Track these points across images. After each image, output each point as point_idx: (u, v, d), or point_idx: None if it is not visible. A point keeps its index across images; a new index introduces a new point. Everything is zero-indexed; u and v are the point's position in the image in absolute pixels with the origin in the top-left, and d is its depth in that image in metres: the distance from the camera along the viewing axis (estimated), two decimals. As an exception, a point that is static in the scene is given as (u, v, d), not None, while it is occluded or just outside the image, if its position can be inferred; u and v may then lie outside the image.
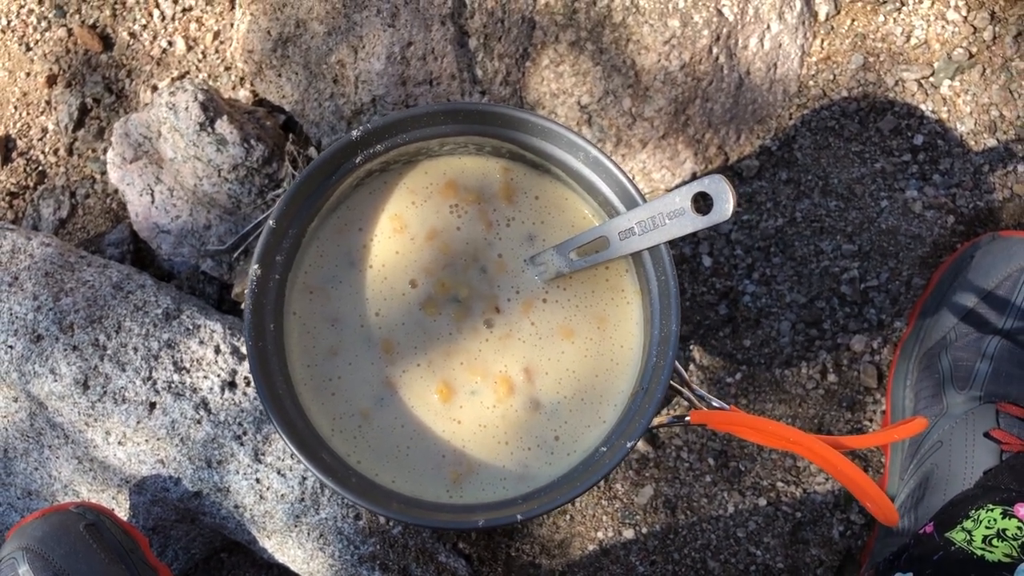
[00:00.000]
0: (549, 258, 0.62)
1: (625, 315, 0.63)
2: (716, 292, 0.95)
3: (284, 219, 0.59)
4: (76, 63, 1.07)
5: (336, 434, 0.60)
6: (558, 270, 0.61)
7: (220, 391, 0.86)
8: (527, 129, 0.61)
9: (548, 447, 0.61)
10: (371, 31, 0.84)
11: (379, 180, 0.64)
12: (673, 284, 0.58)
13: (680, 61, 0.86)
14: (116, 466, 0.86)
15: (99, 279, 0.89)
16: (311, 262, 0.63)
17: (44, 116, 1.06)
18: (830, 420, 0.93)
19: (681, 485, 0.93)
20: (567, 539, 0.93)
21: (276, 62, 0.90)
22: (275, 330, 0.60)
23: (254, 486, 0.84)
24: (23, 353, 0.85)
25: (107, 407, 0.85)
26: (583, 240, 0.59)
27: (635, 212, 0.55)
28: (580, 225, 0.64)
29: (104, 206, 1.04)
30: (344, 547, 0.84)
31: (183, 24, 1.06)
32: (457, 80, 0.86)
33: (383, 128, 0.60)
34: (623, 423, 0.59)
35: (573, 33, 0.86)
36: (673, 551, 0.92)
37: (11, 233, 0.94)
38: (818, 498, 0.92)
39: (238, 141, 0.91)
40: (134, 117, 0.94)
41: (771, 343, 0.94)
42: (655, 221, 0.54)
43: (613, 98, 0.87)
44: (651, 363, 0.58)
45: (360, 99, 0.86)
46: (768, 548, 0.91)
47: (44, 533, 0.78)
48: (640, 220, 0.55)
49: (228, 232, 0.95)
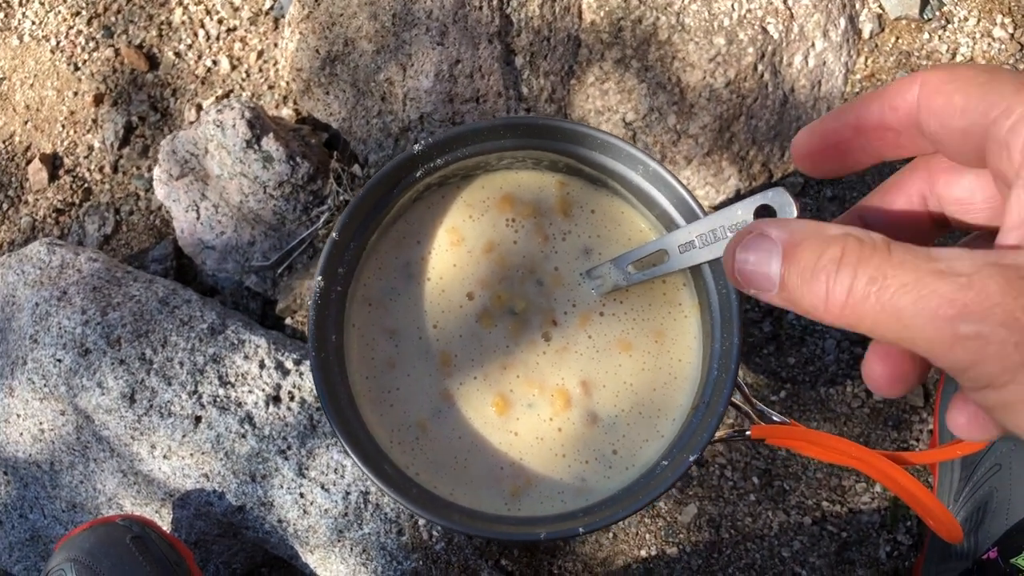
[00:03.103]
0: (606, 271, 0.62)
1: (683, 329, 0.63)
2: (760, 309, 0.95)
3: (346, 232, 0.60)
4: (122, 82, 1.09)
5: (395, 446, 0.60)
6: (615, 283, 0.61)
7: (265, 406, 0.86)
8: (586, 143, 0.61)
9: (606, 461, 0.60)
10: (420, 49, 0.85)
11: (437, 194, 0.65)
12: (735, 297, 0.57)
13: (725, 78, 0.86)
14: (160, 480, 0.87)
15: (146, 294, 0.90)
16: (370, 275, 0.63)
17: (90, 134, 1.08)
18: (876, 439, 0.92)
19: (725, 504, 0.92)
20: (610, 557, 0.92)
21: (324, 80, 0.92)
22: (336, 342, 0.60)
23: (298, 500, 0.84)
24: (71, 367, 0.86)
25: (153, 421, 0.85)
26: (641, 253, 0.59)
27: (696, 225, 0.55)
28: (636, 239, 0.64)
29: (148, 223, 1.06)
30: (387, 563, 0.84)
31: (227, 44, 1.08)
32: (503, 98, 0.86)
33: (444, 142, 0.60)
34: (684, 437, 0.58)
35: (619, 51, 0.86)
36: (717, 570, 0.91)
37: (60, 248, 0.95)
38: (864, 518, 0.91)
39: (284, 158, 0.92)
40: (181, 134, 0.96)
41: (816, 361, 0.94)
42: (716, 234, 0.54)
43: (658, 115, 0.87)
44: (712, 377, 0.58)
45: (408, 116, 0.87)
46: (814, 568, 0.90)
47: (92, 545, 0.79)
48: (701, 233, 0.54)
49: (272, 248, 0.96)
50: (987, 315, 0.26)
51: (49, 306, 0.88)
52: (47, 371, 0.86)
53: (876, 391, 0.37)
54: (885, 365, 0.36)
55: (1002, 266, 0.27)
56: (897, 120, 0.35)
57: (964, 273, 0.27)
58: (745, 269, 0.34)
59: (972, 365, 0.27)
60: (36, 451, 0.90)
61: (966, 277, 0.27)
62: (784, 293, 0.33)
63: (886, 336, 0.29)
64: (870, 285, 0.29)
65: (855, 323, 0.30)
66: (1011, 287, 0.26)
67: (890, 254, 0.29)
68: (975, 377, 0.28)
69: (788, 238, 0.32)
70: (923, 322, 0.28)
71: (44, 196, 1.07)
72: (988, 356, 0.27)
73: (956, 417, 0.34)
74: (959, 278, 0.27)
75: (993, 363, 0.27)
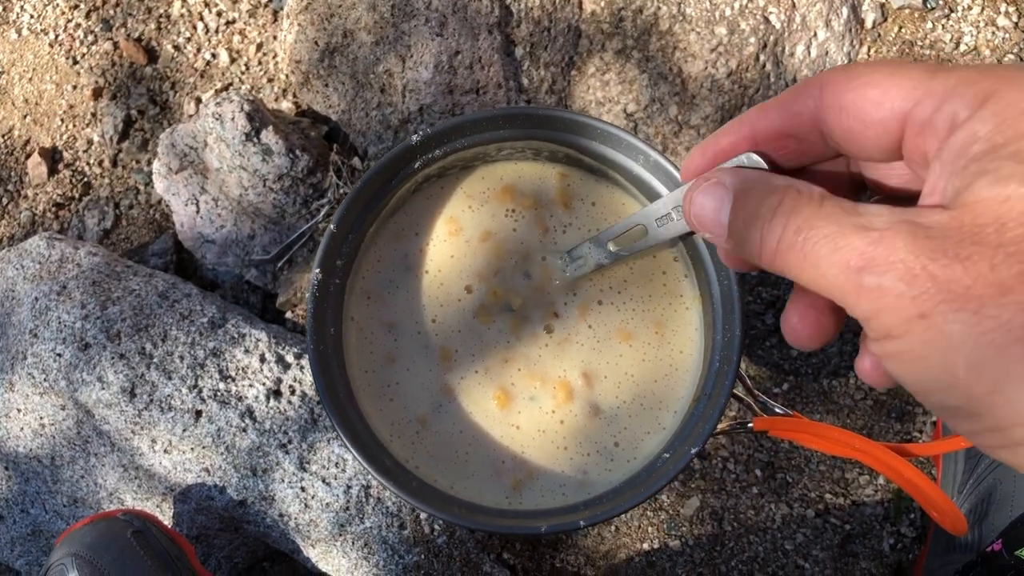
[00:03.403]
0: (587, 251, 0.60)
1: (684, 320, 0.62)
2: (763, 301, 0.94)
3: (344, 224, 0.59)
4: (121, 76, 1.08)
5: (395, 439, 0.60)
6: (598, 262, 0.60)
7: (265, 400, 0.86)
8: (586, 133, 0.60)
9: (608, 453, 0.60)
10: (419, 40, 0.85)
11: (436, 185, 0.64)
12: (736, 288, 0.57)
13: (727, 69, 0.86)
14: (161, 474, 0.86)
15: (145, 288, 0.90)
16: (369, 267, 0.63)
17: (89, 128, 1.08)
18: (879, 431, 0.92)
19: (728, 496, 0.92)
20: (612, 550, 0.92)
21: (323, 72, 0.91)
22: (335, 335, 0.59)
23: (299, 495, 0.84)
24: (71, 361, 0.86)
25: (153, 415, 0.85)
26: (619, 230, 0.58)
27: (671, 196, 0.54)
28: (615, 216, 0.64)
29: (147, 217, 1.05)
30: (388, 556, 0.83)
31: (226, 37, 1.07)
32: (503, 89, 0.86)
33: (442, 133, 0.60)
34: (685, 429, 0.58)
35: (619, 41, 0.85)
36: (720, 563, 0.91)
37: (59, 243, 0.94)
38: (867, 510, 0.91)
39: (283, 151, 0.91)
40: (180, 128, 0.95)
41: (818, 353, 0.93)
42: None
43: (659, 106, 0.86)
44: (714, 368, 0.58)
45: (407, 108, 0.86)
46: (817, 561, 0.90)
47: (92, 539, 0.78)
48: (676, 204, 0.53)
49: (272, 242, 0.95)
50: (889, 269, 0.28)
51: (49, 300, 0.88)
52: (47, 366, 0.86)
53: (793, 342, 0.39)
54: (803, 318, 0.38)
55: (913, 223, 0.28)
56: (799, 127, 0.36)
57: (878, 228, 0.29)
58: (700, 214, 0.36)
59: (874, 315, 0.29)
60: (37, 446, 0.89)
61: (878, 232, 0.29)
62: (731, 239, 0.35)
63: (808, 283, 0.31)
64: (796, 234, 0.31)
65: (783, 269, 0.32)
66: (916, 244, 0.28)
67: (821, 206, 0.31)
68: (876, 327, 0.29)
69: (739, 186, 0.35)
70: (836, 272, 0.29)
71: (43, 190, 1.07)
72: (887, 307, 0.28)
73: (861, 363, 0.36)
74: (872, 232, 0.29)
75: (891, 315, 0.28)
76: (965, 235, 0.27)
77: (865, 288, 0.28)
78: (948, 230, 0.28)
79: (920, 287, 0.27)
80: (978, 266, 0.26)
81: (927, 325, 0.27)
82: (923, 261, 0.27)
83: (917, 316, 0.27)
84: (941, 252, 0.27)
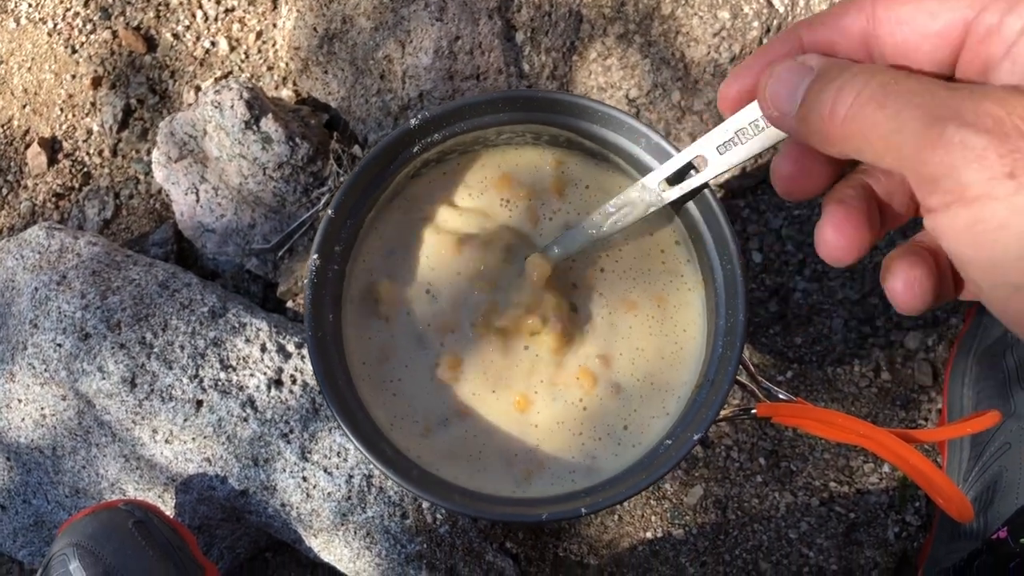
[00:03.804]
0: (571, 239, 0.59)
1: (686, 301, 0.61)
2: (766, 289, 0.93)
3: (342, 209, 0.59)
4: (120, 65, 1.08)
5: (396, 430, 0.59)
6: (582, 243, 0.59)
7: (266, 389, 0.85)
8: (586, 116, 0.60)
9: (616, 437, 0.59)
10: (419, 25, 0.84)
11: (436, 171, 0.64)
12: (740, 273, 0.56)
13: (730, 53, 0.85)
14: (163, 464, 0.86)
15: (145, 277, 0.90)
16: (368, 253, 0.62)
17: (89, 118, 1.07)
18: (884, 419, 0.91)
19: (731, 485, 0.91)
20: (615, 539, 0.91)
21: (322, 58, 0.90)
22: (333, 321, 0.59)
23: (301, 484, 0.83)
24: (71, 351, 0.85)
25: (154, 405, 0.84)
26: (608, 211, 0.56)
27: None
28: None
29: (148, 206, 1.05)
30: (391, 546, 0.83)
31: (226, 25, 1.07)
32: (504, 74, 0.85)
33: (441, 117, 0.59)
34: (688, 415, 0.57)
35: (621, 26, 0.85)
36: (724, 552, 0.90)
37: (59, 232, 0.94)
38: (872, 499, 0.90)
39: (283, 139, 0.91)
40: (179, 116, 0.94)
41: (823, 340, 0.92)
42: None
43: (662, 91, 0.85)
44: (717, 354, 0.57)
45: (407, 94, 0.85)
46: (821, 549, 0.89)
47: (94, 530, 0.78)
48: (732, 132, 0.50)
49: (273, 231, 0.95)
50: (978, 121, 0.25)
51: (48, 290, 0.87)
52: (47, 356, 0.86)
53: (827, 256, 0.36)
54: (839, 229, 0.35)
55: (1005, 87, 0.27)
56: (847, 41, 0.34)
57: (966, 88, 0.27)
58: (776, 91, 0.34)
59: (950, 171, 0.26)
60: (38, 436, 0.89)
61: (967, 88, 0.27)
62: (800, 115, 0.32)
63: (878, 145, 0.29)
64: (882, 87, 0.29)
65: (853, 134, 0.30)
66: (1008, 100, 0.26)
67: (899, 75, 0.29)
68: (949, 188, 0.26)
69: (823, 64, 0.32)
70: (916, 123, 0.27)
71: (43, 180, 1.06)
72: (970, 162, 0.25)
73: (894, 282, 0.34)
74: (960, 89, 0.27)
75: (973, 171, 0.25)
76: None
77: (946, 140, 0.26)
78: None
79: (1011, 145, 0.25)
80: None
81: (1016, 187, 0.24)
82: (1015, 120, 0.25)
83: (1006, 175, 0.25)
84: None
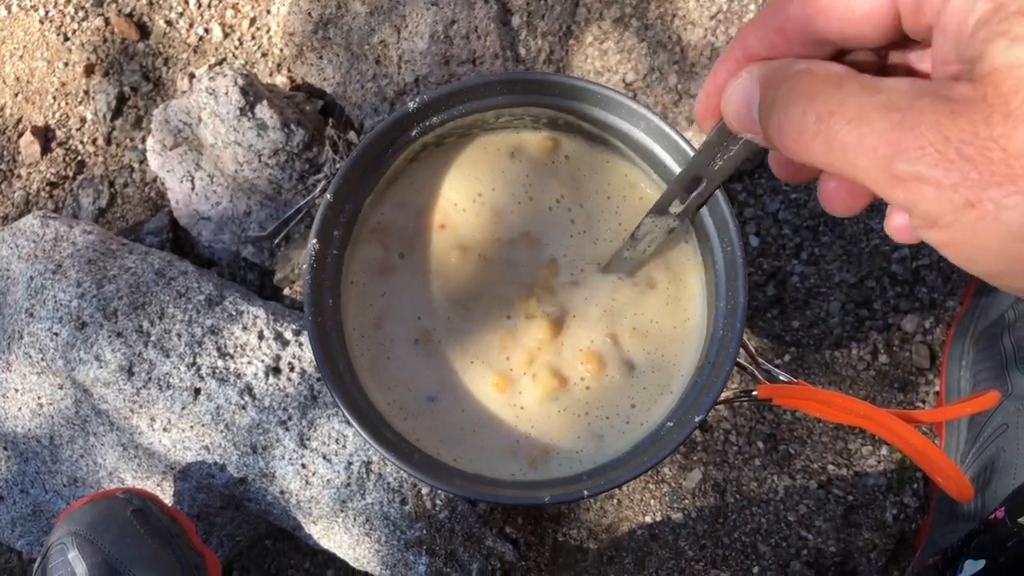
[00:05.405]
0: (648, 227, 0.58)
1: (685, 285, 0.62)
2: (764, 272, 0.93)
3: (341, 194, 0.58)
4: (113, 52, 1.07)
5: (395, 413, 0.59)
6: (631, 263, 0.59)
7: (264, 376, 0.85)
8: (584, 98, 0.59)
9: (624, 416, 0.59)
10: (414, 10, 0.83)
11: (434, 154, 0.63)
12: (740, 255, 0.56)
13: (727, 36, 0.85)
14: (161, 452, 0.86)
15: (141, 266, 0.89)
16: (367, 239, 0.62)
17: (82, 106, 1.06)
18: (882, 401, 0.91)
19: (730, 469, 0.91)
20: (615, 523, 0.92)
21: (317, 44, 0.90)
22: (333, 306, 0.59)
23: (300, 471, 0.83)
24: (68, 340, 0.85)
25: (152, 393, 0.84)
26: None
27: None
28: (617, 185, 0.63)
29: (143, 195, 1.04)
30: (390, 532, 0.83)
31: (219, 11, 1.06)
32: (500, 59, 0.84)
33: (439, 100, 0.59)
34: (689, 397, 0.57)
35: (618, 9, 0.84)
36: (723, 535, 0.91)
37: (53, 221, 0.93)
38: (870, 481, 0.90)
39: (278, 126, 0.90)
40: (174, 103, 0.94)
41: (820, 324, 0.92)
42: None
43: (659, 75, 0.85)
44: (717, 336, 0.57)
45: (403, 79, 0.85)
46: (820, 532, 0.90)
47: (93, 518, 0.78)
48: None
49: (269, 218, 0.94)
50: (922, 154, 0.25)
51: (44, 279, 0.87)
52: (44, 345, 0.85)
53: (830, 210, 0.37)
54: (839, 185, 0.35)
55: (936, 98, 0.26)
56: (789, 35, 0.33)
57: (900, 108, 0.26)
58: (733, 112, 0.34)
59: (915, 205, 0.26)
60: (35, 426, 0.89)
61: (901, 113, 0.26)
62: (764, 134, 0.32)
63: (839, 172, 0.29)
64: (819, 123, 0.28)
65: (811, 159, 0.30)
66: (943, 124, 0.25)
67: (839, 88, 0.29)
68: (921, 216, 0.27)
69: (763, 74, 0.32)
70: (866, 162, 0.27)
71: (37, 169, 1.05)
72: (928, 197, 0.26)
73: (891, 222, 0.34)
74: (894, 114, 0.26)
75: (935, 204, 0.26)
76: (992, 109, 0.25)
77: (899, 177, 0.26)
78: (973, 104, 0.25)
79: (959, 173, 0.25)
80: (1015, 142, 0.24)
81: (979, 214, 0.25)
82: (956, 144, 0.25)
83: (964, 205, 0.25)
84: (972, 132, 0.25)
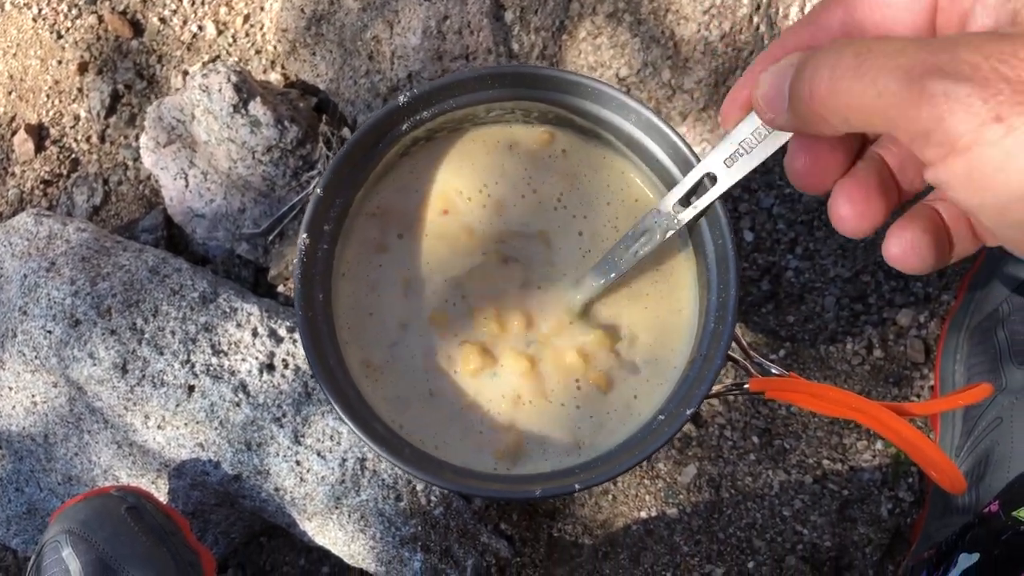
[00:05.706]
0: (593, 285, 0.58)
1: (677, 278, 0.61)
2: (758, 267, 0.93)
3: (331, 188, 0.58)
4: (107, 50, 1.07)
5: (386, 407, 0.59)
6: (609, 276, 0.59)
7: (258, 373, 0.85)
8: (576, 91, 0.59)
9: (616, 409, 0.59)
10: (407, 5, 0.83)
11: (424, 149, 0.63)
12: (731, 248, 0.56)
13: (720, 31, 0.84)
14: (155, 450, 0.86)
15: (135, 263, 0.89)
16: (358, 233, 0.62)
17: (76, 104, 1.06)
18: (876, 396, 0.91)
19: (725, 464, 0.91)
20: (609, 519, 0.92)
21: (310, 40, 0.90)
22: (324, 301, 0.59)
23: (294, 468, 0.83)
24: (62, 338, 0.85)
25: (146, 391, 0.84)
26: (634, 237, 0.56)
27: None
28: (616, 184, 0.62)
29: (137, 192, 1.04)
30: (385, 528, 0.83)
31: (213, 8, 1.06)
32: (493, 54, 0.84)
33: (430, 93, 0.58)
34: (680, 390, 0.57)
35: (611, 4, 0.84)
36: (718, 530, 0.90)
37: (47, 219, 0.93)
38: (865, 475, 0.90)
39: (272, 122, 0.90)
40: (167, 101, 0.94)
41: (815, 319, 0.92)
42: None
43: (652, 70, 0.85)
44: (709, 329, 0.57)
45: (396, 75, 0.85)
46: (815, 526, 0.90)
47: (86, 516, 0.78)
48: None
49: (263, 215, 0.94)
50: (956, 72, 0.26)
51: (38, 277, 0.87)
52: (37, 343, 0.85)
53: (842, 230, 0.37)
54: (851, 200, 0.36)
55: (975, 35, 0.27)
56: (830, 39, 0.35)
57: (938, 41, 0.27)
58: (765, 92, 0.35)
59: (938, 124, 0.26)
60: (29, 424, 0.89)
61: (939, 41, 0.27)
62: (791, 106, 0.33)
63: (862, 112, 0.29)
64: (855, 57, 0.29)
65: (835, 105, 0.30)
66: (981, 47, 0.26)
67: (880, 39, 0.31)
68: (940, 140, 0.27)
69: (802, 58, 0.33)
70: (895, 84, 0.27)
71: (31, 167, 1.05)
72: (955, 112, 0.26)
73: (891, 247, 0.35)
74: (932, 42, 0.27)
75: (961, 120, 0.26)
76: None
77: (928, 94, 0.26)
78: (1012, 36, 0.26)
79: (993, 89, 0.25)
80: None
81: (1006, 129, 0.25)
82: (992, 63, 0.25)
83: (993, 119, 0.25)
84: (1011, 53, 0.25)
